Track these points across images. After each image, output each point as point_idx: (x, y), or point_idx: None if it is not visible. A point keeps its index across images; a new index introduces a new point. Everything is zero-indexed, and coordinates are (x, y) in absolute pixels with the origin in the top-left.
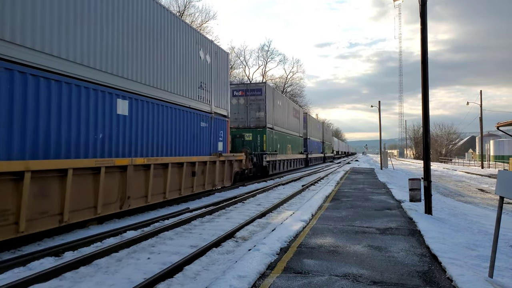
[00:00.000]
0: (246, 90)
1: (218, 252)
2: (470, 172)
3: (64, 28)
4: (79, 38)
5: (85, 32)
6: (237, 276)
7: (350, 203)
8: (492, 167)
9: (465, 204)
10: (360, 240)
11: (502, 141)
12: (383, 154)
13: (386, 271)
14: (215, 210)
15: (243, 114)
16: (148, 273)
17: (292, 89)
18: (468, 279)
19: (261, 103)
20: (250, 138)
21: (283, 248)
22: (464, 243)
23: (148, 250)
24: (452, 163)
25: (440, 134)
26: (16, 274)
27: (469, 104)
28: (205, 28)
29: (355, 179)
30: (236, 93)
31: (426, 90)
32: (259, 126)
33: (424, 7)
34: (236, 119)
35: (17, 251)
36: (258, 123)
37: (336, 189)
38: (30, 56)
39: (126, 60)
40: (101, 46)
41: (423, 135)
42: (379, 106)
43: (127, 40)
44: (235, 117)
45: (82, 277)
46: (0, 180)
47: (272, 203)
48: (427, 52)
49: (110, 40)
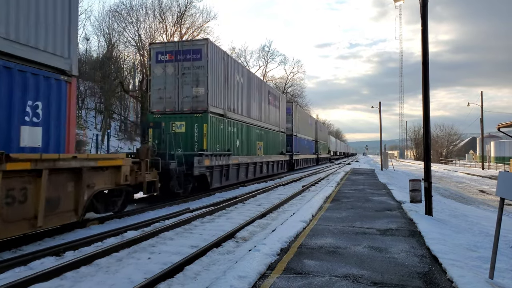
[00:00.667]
0: (177, 52)
1: (219, 253)
2: (470, 173)
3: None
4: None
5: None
6: (237, 277)
7: (350, 204)
8: (493, 168)
9: (465, 205)
10: (361, 241)
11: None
12: (384, 155)
13: (387, 272)
14: (216, 211)
15: (172, 91)
16: (148, 273)
17: (292, 90)
18: (469, 281)
19: (201, 73)
20: (183, 129)
21: (283, 248)
22: (465, 244)
23: (148, 250)
24: (452, 164)
25: (441, 135)
26: (17, 273)
27: (470, 105)
28: (206, 29)
29: (356, 180)
30: (162, 57)
31: (427, 91)
32: (196, 110)
33: (425, 8)
34: (161, 99)
35: (18, 251)
36: (196, 104)
37: (337, 190)
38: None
39: None
40: None
41: (423, 136)
42: (379, 107)
43: None
44: (159, 95)
45: (82, 276)
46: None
47: (273, 203)
48: (428, 53)
49: None
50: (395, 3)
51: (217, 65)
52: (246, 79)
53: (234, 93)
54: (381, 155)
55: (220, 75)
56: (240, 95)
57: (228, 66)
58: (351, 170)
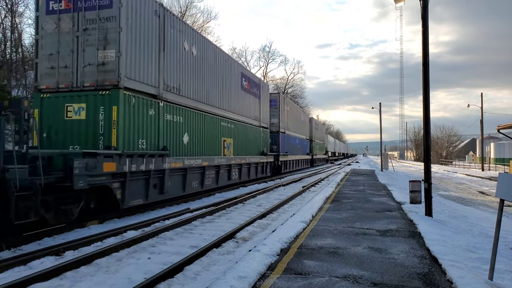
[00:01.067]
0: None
1: (219, 253)
2: (470, 175)
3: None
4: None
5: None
6: (237, 277)
7: (350, 205)
8: (493, 169)
9: (465, 206)
10: (361, 241)
11: (503, 144)
12: (384, 156)
13: (386, 272)
14: (216, 211)
15: (69, 57)
16: (148, 273)
17: (293, 90)
18: (468, 282)
19: (111, 27)
20: (82, 115)
21: (283, 249)
22: (464, 245)
23: (148, 250)
24: (452, 165)
25: (441, 136)
26: (16, 273)
27: (470, 106)
28: (207, 29)
29: (356, 180)
30: (54, 5)
31: (427, 92)
32: (103, 85)
33: (425, 9)
34: (53, 69)
35: (18, 250)
36: (102, 77)
37: (337, 191)
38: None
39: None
40: None
41: (423, 137)
42: (379, 108)
43: None
44: (50, 63)
45: (82, 276)
46: None
47: (273, 204)
48: (428, 54)
49: None
50: (396, 4)
51: (142, 19)
52: (202, 50)
53: (179, 67)
54: (381, 156)
55: (150, 36)
56: (191, 72)
57: (167, 26)
58: (351, 170)
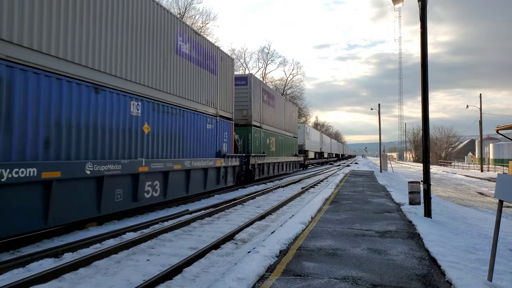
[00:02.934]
0: None
1: (218, 254)
2: (469, 176)
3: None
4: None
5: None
6: (236, 279)
7: (349, 206)
8: (492, 170)
9: (464, 207)
10: (360, 243)
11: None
12: (383, 157)
13: (386, 274)
14: (215, 212)
15: None
16: (147, 274)
17: (292, 91)
18: (467, 283)
19: None
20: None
21: (282, 250)
22: (464, 246)
23: (147, 252)
24: (451, 166)
25: (440, 137)
26: (15, 275)
27: (468, 107)
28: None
29: (355, 182)
30: None
31: (426, 93)
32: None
33: (424, 10)
34: None
35: (16, 252)
36: None
37: (336, 192)
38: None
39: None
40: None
41: (422, 138)
42: (378, 109)
43: None
44: None
45: (81, 278)
46: None
47: (272, 205)
48: (427, 55)
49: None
50: (394, 5)
51: None
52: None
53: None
54: (380, 157)
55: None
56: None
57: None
58: (350, 172)
